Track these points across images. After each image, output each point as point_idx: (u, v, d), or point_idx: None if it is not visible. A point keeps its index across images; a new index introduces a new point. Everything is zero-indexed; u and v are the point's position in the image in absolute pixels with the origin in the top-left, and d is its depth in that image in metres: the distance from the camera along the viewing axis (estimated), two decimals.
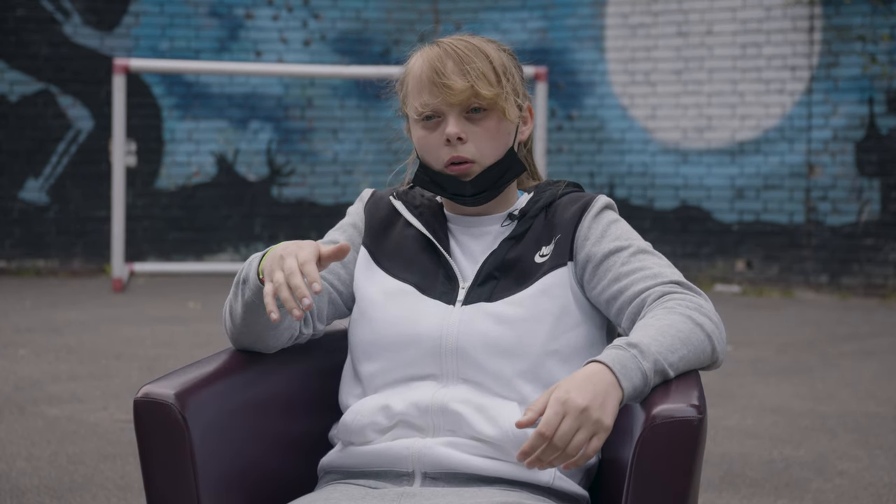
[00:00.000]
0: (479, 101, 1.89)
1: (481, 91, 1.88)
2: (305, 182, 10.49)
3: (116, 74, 8.57)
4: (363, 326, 1.94)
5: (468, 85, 1.88)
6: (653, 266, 1.88)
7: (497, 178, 1.93)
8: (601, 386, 1.64)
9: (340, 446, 1.92)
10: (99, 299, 8.35)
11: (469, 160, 1.90)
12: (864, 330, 7.46)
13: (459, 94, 1.88)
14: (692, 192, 9.81)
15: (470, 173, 1.91)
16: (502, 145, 1.93)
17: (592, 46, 10.10)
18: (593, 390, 1.63)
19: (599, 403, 1.63)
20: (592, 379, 1.64)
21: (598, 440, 1.63)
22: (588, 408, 1.62)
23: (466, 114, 1.90)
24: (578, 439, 1.61)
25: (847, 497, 3.89)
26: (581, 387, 1.63)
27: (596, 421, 1.62)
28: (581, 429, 1.61)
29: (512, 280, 1.91)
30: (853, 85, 9.20)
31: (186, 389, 1.79)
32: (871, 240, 9.19)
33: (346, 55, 10.45)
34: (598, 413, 1.62)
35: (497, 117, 1.91)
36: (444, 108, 1.90)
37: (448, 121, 1.90)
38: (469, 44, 1.92)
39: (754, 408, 5.16)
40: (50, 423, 4.71)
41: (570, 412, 1.61)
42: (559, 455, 1.62)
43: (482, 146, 1.91)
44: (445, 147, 1.91)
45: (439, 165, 1.92)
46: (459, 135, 1.89)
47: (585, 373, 1.65)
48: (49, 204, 10.02)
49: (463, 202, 1.94)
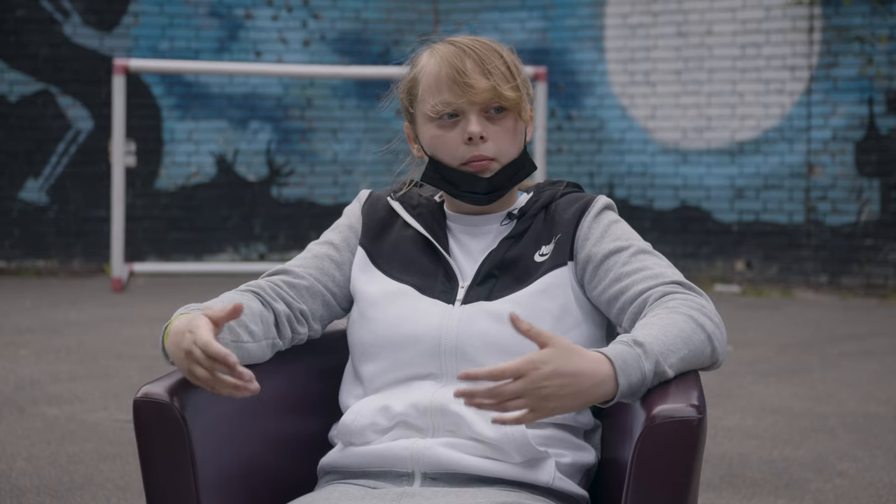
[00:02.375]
0: (500, 101, 1.90)
1: (504, 92, 1.89)
2: (305, 182, 10.49)
3: (116, 75, 8.57)
4: (362, 327, 1.94)
5: (491, 85, 1.88)
6: (654, 266, 1.88)
7: (512, 176, 1.94)
8: (581, 386, 1.63)
9: (340, 446, 1.92)
10: (99, 299, 8.35)
11: (490, 158, 1.91)
12: (864, 330, 7.46)
13: (482, 94, 1.88)
14: (692, 193, 9.82)
15: (490, 170, 1.92)
16: (518, 144, 1.94)
17: (592, 46, 10.10)
18: (566, 384, 1.61)
19: (560, 396, 1.61)
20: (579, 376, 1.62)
21: (531, 416, 1.61)
22: (543, 389, 1.60)
23: (486, 113, 1.91)
24: (516, 404, 1.60)
25: (847, 497, 3.89)
26: (557, 372, 1.61)
27: (541, 405, 1.61)
28: (524, 398, 1.60)
29: (511, 279, 1.91)
30: (853, 85, 9.21)
31: (186, 389, 1.79)
32: (870, 240, 9.19)
33: (346, 55, 10.45)
34: (548, 401, 1.61)
35: (514, 117, 1.92)
36: (466, 107, 1.90)
37: (469, 119, 1.90)
38: (484, 43, 1.93)
39: (754, 408, 5.16)
40: (50, 423, 4.71)
41: (528, 380, 1.59)
42: (493, 403, 1.59)
43: (502, 145, 1.92)
44: (464, 145, 1.91)
45: (456, 163, 1.92)
46: (482, 133, 1.90)
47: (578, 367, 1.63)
48: (49, 204, 10.02)
49: (475, 200, 1.94)
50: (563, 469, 1.85)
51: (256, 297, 1.92)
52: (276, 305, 1.92)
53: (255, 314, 1.87)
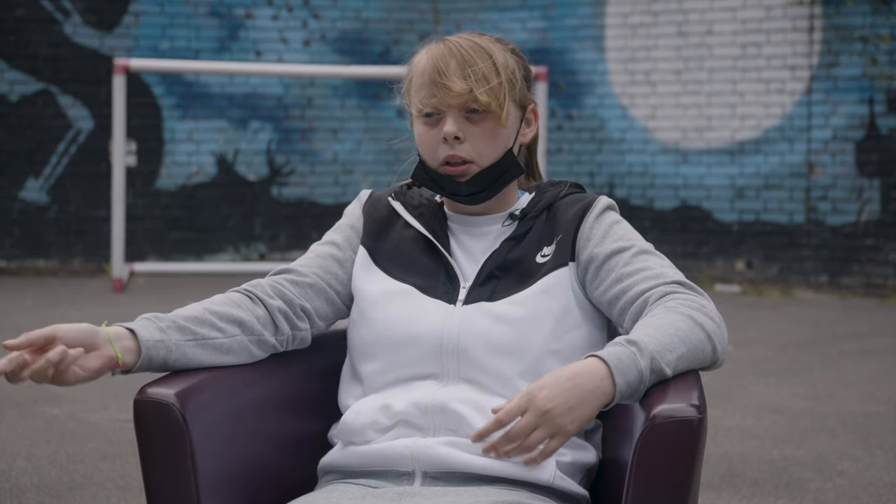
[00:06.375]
0: (475, 104, 1.89)
1: (479, 95, 1.88)
2: (305, 182, 10.49)
3: (116, 74, 8.57)
4: (363, 326, 1.94)
5: (467, 88, 1.88)
6: (655, 266, 1.88)
7: (494, 179, 1.93)
8: (585, 388, 1.65)
9: (340, 446, 1.92)
10: (99, 299, 8.35)
11: (466, 160, 1.91)
12: (864, 330, 7.46)
13: (457, 97, 1.88)
14: (692, 192, 9.82)
15: (466, 174, 1.91)
16: (501, 147, 1.93)
17: (592, 46, 10.10)
18: (569, 394, 1.65)
19: (568, 408, 1.65)
20: (577, 379, 1.66)
21: (556, 442, 1.66)
22: (550, 410, 1.64)
23: (466, 114, 1.91)
24: (536, 436, 1.64)
25: (847, 497, 3.89)
26: (556, 386, 1.65)
27: (557, 425, 1.65)
28: (540, 428, 1.64)
29: (513, 280, 1.91)
30: (853, 85, 9.20)
31: (186, 389, 1.79)
32: (870, 240, 9.19)
33: (346, 55, 10.45)
34: (561, 418, 1.64)
35: (496, 119, 1.91)
36: (443, 107, 1.90)
37: (446, 120, 1.90)
38: (475, 44, 1.92)
39: (754, 408, 5.16)
40: (50, 422, 4.71)
41: (532, 410, 1.64)
42: (516, 447, 1.65)
43: (480, 147, 1.91)
44: (443, 145, 1.91)
45: (436, 163, 1.93)
46: (456, 134, 1.90)
47: (574, 370, 1.67)
48: (49, 204, 10.02)
49: (460, 201, 1.95)
50: (563, 468, 1.85)
51: (247, 295, 1.93)
52: (269, 301, 1.92)
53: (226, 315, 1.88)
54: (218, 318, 1.87)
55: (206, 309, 1.88)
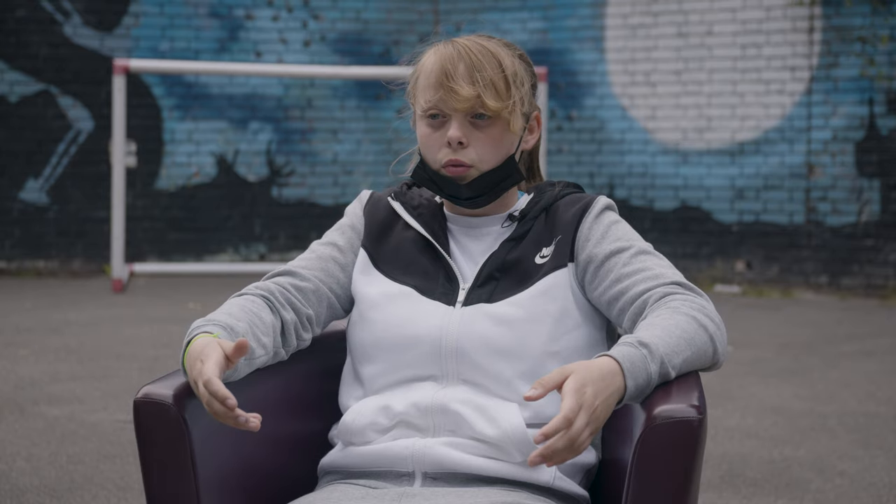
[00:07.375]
0: (482, 110, 1.89)
1: (487, 102, 1.87)
2: (305, 182, 10.49)
3: (116, 75, 8.57)
4: (363, 328, 1.94)
5: (475, 94, 1.87)
6: (654, 267, 1.88)
7: (495, 184, 1.93)
8: (612, 387, 1.64)
9: (341, 446, 1.92)
10: (99, 300, 8.35)
11: (467, 164, 1.90)
12: (864, 330, 7.46)
13: (465, 102, 1.87)
14: (692, 193, 9.82)
15: (467, 177, 1.91)
16: (504, 153, 1.93)
17: (592, 47, 10.10)
18: (606, 392, 1.63)
19: (606, 406, 1.64)
20: (606, 378, 1.64)
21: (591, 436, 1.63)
22: (597, 409, 1.62)
23: (471, 119, 1.90)
24: (586, 435, 1.60)
25: (847, 497, 3.89)
26: (597, 383, 1.62)
27: (599, 419, 1.62)
28: (589, 425, 1.61)
29: (512, 281, 1.90)
30: (853, 85, 9.21)
31: (186, 390, 1.78)
32: (870, 240, 9.19)
33: (346, 56, 10.45)
34: (603, 417, 1.63)
35: (501, 126, 1.91)
36: (449, 110, 1.90)
37: (451, 124, 1.90)
38: (484, 48, 1.90)
39: (754, 408, 5.16)
40: (50, 423, 4.71)
41: (585, 408, 1.60)
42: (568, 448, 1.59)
43: (483, 152, 1.91)
44: (446, 148, 1.91)
45: (437, 165, 1.92)
46: (461, 139, 1.89)
47: (601, 368, 1.64)
48: (49, 204, 10.02)
49: (459, 204, 1.94)
50: (563, 469, 1.85)
51: (266, 302, 1.92)
52: (284, 314, 1.92)
53: (266, 325, 1.88)
54: (262, 331, 1.87)
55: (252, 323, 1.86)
